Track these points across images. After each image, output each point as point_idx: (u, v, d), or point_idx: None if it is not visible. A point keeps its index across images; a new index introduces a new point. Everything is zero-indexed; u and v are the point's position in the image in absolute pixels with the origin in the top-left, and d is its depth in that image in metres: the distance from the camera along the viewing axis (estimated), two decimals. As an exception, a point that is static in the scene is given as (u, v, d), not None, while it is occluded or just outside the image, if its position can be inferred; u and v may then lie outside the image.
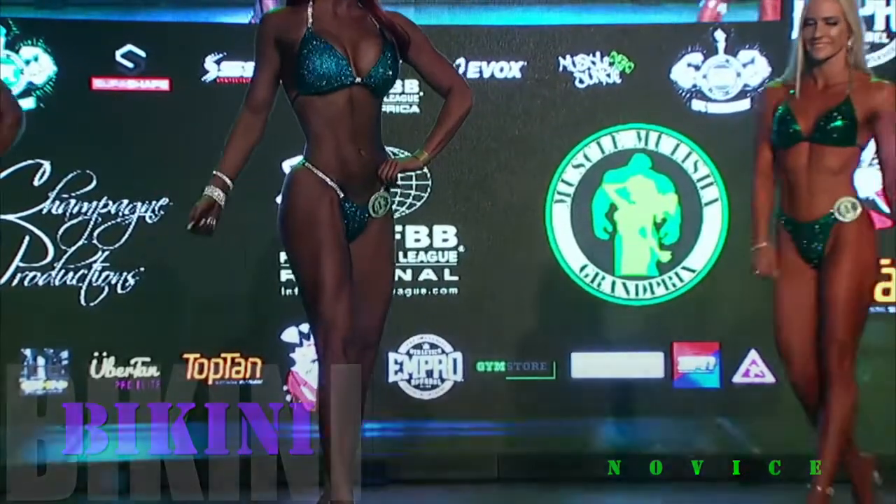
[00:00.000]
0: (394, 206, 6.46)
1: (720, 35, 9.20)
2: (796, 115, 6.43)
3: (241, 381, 9.35)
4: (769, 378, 9.11)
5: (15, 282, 9.18)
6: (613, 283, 9.29)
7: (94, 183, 9.26)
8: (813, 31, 6.39)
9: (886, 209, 9.02)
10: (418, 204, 9.33)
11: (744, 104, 9.18)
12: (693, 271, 9.21)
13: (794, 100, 6.46)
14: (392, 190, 6.28)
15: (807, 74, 6.46)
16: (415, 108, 9.03)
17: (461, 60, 9.11)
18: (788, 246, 6.51)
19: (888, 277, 9.16)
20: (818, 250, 6.44)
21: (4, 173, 8.86)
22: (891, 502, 7.29)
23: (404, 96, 9.05)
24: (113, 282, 9.29)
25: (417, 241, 9.37)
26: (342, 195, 6.10)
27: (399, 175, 6.17)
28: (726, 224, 8.71)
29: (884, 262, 9.08)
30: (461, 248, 9.45)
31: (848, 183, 6.48)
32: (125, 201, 9.28)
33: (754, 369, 8.96)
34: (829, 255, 6.45)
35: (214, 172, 6.07)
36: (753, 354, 8.95)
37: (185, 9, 9.62)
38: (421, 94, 9.00)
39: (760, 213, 6.65)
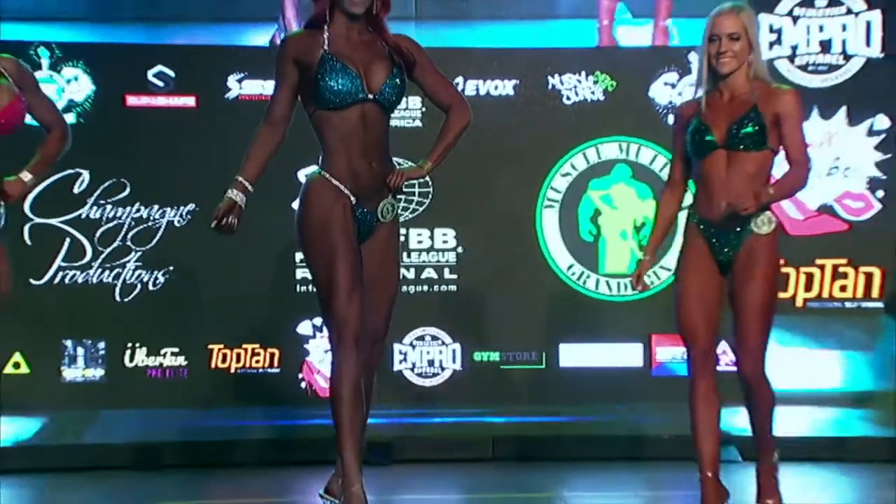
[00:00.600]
0: (399, 212, 6.52)
1: (694, 57, 9.22)
2: (709, 126, 6.30)
3: (260, 370, 9.39)
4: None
5: (57, 280, 9.25)
6: (598, 281, 9.35)
7: (127, 190, 9.33)
8: (718, 47, 6.27)
9: (845, 215, 9.13)
10: (421, 209, 9.38)
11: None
12: (669, 270, 9.20)
13: (703, 113, 6.34)
14: (398, 197, 6.33)
15: (712, 88, 6.36)
16: (418, 123, 9.08)
17: (460, 79, 9.16)
18: (700, 242, 6.39)
19: (845, 276, 9.23)
20: (728, 255, 6.32)
21: (47, 182, 8.89)
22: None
23: (409, 112, 9.10)
24: (145, 280, 9.35)
25: (420, 242, 9.43)
26: (354, 201, 6.14)
27: (405, 183, 6.24)
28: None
29: (841, 261, 9.17)
30: (460, 250, 9.51)
31: (761, 189, 6.33)
32: (156, 206, 9.35)
33: (724, 359, 8.95)
34: (741, 264, 6.35)
35: (236, 178, 6.12)
36: (723, 345, 8.98)
37: (212, 23, 9.61)
38: (423, 109, 9.05)
39: (657, 227, 6.64)
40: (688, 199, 6.55)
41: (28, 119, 6.21)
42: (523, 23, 9.78)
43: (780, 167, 6.34)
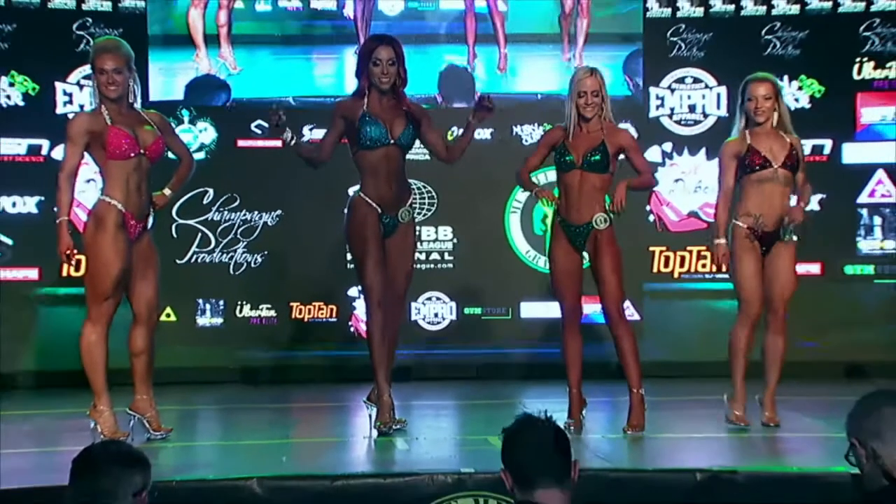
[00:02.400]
0: (415, 216, 6.61)
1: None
2: (570, 151, 6.25)
3: (324, 319, 9.42)
4: (637, 316, 9.05)
5: (192, 260, 9.23)
6: (545, 261, 9.28)
7: (238, 201, 9.29)
8: (585, 99, 6.21)
9: (704, 217, 9.16)
10: (429, 214, 9.32)
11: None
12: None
13: (568, 140, 6.27)
14: (412, 206, 6.43)
15: (577, 125, 6.27)
16: (427, 157, 9.04)
17: (454, 128, 9.07)
18: (562, 234, 6.37)
19: (705, 257, 9.26)
20: (582, 243, 6.31)
21: (186, 196, 8.92)
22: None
23: (421, 150, 9.05)
24: (249, 260, 9.32)
25: (429, 235, 9.34)
26: (380, 211, 6.24)
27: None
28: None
29: (702, 248, 9.09)
30: (455, 241, 9.44)
31: (603, 199, 6.31)
32: (256, 212, 9.30)
33: (628, 311, 9.00)
34: (592, 249, 6.33)
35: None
36: (627, 302, 8.97)
37: (302, 45, 9.40)
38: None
39: (524, 179, 6.62)
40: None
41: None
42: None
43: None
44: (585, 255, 6.48)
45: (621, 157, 6.44)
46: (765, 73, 6.50)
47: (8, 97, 9.02)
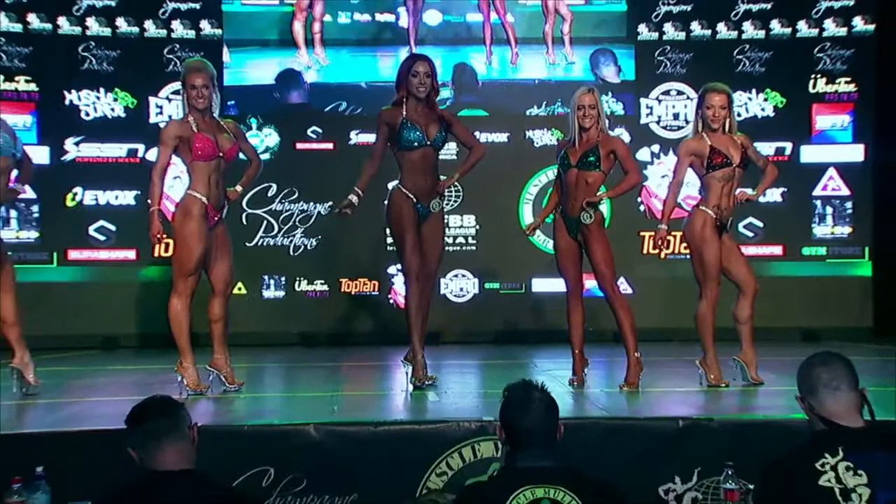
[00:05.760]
0: (445, 206, 6.61)
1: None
2: (570, 156, 6.24)
3: (368, 293, 9.49)
4: (630, 290, 9.12)
5: (259, 243, 9.35)
6: (553, 244, 9.33)
7: (296, 194, 9.42)
8: (584, 112, 6.17)
9: (687, 208, 9.03)
10: (456, 205, 9.41)
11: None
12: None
13: (570, 147, 6.26)
14: (442, 197, 6.43)
15: (578, 134, 6.22)
16: (454, 156, 9.05)
17: (478, 132, 9.08)
18: (562, 224, 6.35)
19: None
20: (575, 233, 6.27)
21: (255, 190, 9.00)
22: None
23: (449, 151, 9.03)
24: (306, 243, 9.44)
25: (456, 223, 9.45)
26: (415, 200, 6.25)
27: (446, 187, 6.36)
28: (610, 213, 8.70)
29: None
30: (477, 227, 9.55)
31: (594, 194, 6.22)
32: (311, 203, 9.43)
33: (623, 287, 9.01)
34: (583, 240, 6.28)
35: (354, 187, 6.27)
36: (623, 281, 8.99)
37: (370, 46, 9.66)
38: (457, 150, 9.05)
39: (548, 207, 6.55)
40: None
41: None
42: (511, 105, 9.76)
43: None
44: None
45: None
46: (721, 85, 6.39)
47: (112, 110, 9.29)
